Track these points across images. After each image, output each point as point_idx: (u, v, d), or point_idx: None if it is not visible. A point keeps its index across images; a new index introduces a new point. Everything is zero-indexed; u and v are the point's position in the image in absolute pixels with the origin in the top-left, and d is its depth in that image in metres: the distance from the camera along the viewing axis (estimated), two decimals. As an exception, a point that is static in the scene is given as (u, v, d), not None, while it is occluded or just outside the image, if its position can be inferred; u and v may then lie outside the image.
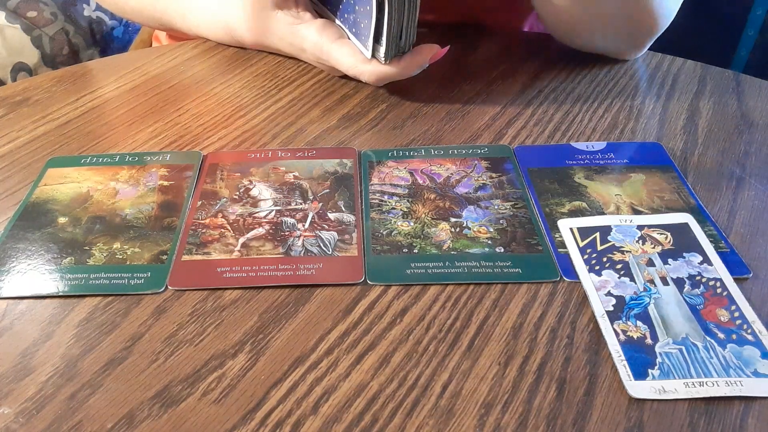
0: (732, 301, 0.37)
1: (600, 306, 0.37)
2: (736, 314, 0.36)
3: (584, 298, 0.38)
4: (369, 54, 0.52)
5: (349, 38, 0.54)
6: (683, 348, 0.35)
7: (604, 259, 0.40)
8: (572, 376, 0.34)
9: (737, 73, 0.60)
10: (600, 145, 0.50)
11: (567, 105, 0.55)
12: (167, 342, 0.36)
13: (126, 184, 0.47)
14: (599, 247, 0.41)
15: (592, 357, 0.35)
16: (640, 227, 0.42)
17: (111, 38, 0.96)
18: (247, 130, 0.53)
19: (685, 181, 0.46)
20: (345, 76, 0.58)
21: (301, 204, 0.45)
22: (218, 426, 0.32)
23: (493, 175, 0.47)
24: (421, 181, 0.47)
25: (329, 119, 0.54)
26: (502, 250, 0.41)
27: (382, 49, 0.51)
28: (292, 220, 0.43)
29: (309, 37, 0.55)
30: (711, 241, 0.41)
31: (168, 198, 0.46)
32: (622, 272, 0.39)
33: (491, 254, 0.41)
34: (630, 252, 0.40)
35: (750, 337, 0.35)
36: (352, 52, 0.53)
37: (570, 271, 0.40)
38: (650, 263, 0.40)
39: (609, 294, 0.38)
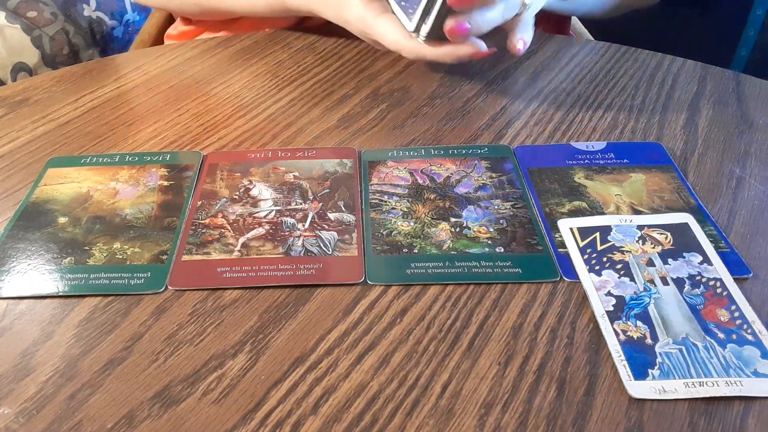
0: (732, 301, 0.37)
1: (600, 306, 0.37)
2: (736, 314, 0.36)
3: (584, 298, 0.38)
4: (412, 27, 0.51)
5: (392, 10, 0.53)
6: (683, 348, 0.35)
7: (604, 259, 0.40)
8: (572, 376, 0.34)
9: (737, 73, 0.60)
10: (600, 145, 0.50)
11: (567, 105, 0.55)
12: (167, 342, 0.36)
13: (126, 184, 0.47)
14: (599, 247, 0.41)
15: (592, 357, 0.35)
16: (640, 227, 0.42)
17: (111, 38, 0.96)
18: (247, 130, 0.53)
19: (685, 181, 0.46)
20: (345, 75, 0.58)
21: (301, 204, 0.45)
22: (218, 426, 0.32)
23: (493, 175, 0.47)
24: (421, 181, 0.47)
25: (329, 119, 0.54)
26: (502, 250, 0.41)
27: (426, 28, 0.50)
28: (292, 220, 0.43)
29: (354, 8, 0.55)
30: (711, 241, 0.41)
31: (168, 198, 0.46)
32: (622, 272, 0.39)
33: (491, 254, 0.41)
34: (630, 252, 0.40)
35: (750, 337, 0.35)
36: (396, 28, 0.52)
37: (570, 271, 0.40)
38: (650, 263, 0.40)
39: (609, 294, 0.38)
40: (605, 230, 0.42)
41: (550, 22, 0.74)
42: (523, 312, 0.37)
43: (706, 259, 0.40)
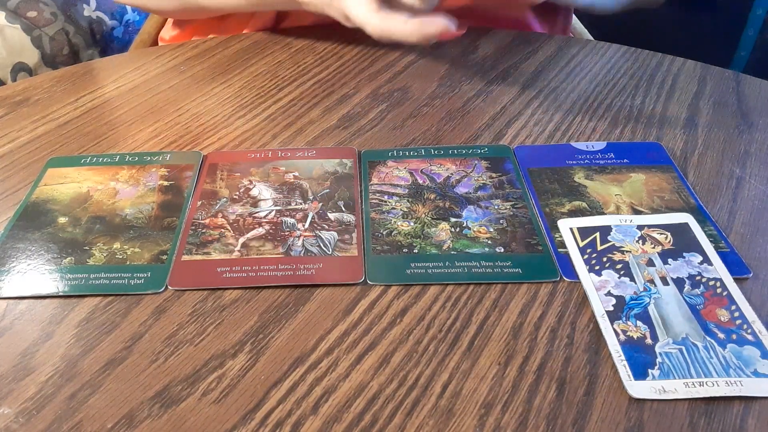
0: (732, 301, 0.37)
1: (600, 306, 0.37)
2: (736, 314, 0.36)
3: (584, 298, 0.38)
4: None
5: None
6: (683, 348, 0.35)
7: (604, 259, 0.40)
8: (572, 376, 0.34)
9: (737, 73, 0.60)
10: (600, 145, 0.50)
11: (567, 105, 0.55)
12: (167, 342, 0.36)
13: (126, 184, 0.47)
14: (599, 247, 0.41)
15: (592, 357, 0.35)
16: (640, 227, 0.42)
17: (111, 38, 0.96)
18: (247, 130, 0.53)
19: (685, 181, 0.46)
20: (345, 75, 0.58)
21: (301, 204, 0.45)
22: (218, 426, 0.32)
23: (493, 175, 0.47)
24: (421, 181, 0.47)
25: (329, 119, 0.54)
26: (502, 250, 0.41)
27: None
28: (292, 220, 0.43)
29: None
30: (711, 241, 0.41)
31: (168, 198, 0.46)
32: (622, 272, 0.39)
33: (491, 254, 0.41)
34: (630, 252, 0.40)
35: (750, 337, 0.35)
36: (366, 1, 0.49)
37: (570, 271, 0.40)
38: (650, 263, 0.40)
39: (609, 294, 0.38)
40: (605, 230, 0.42)
41: (554, 23, 0.74)
42: (523, 312, 0.37)
43: (706, 259, 0.40)
